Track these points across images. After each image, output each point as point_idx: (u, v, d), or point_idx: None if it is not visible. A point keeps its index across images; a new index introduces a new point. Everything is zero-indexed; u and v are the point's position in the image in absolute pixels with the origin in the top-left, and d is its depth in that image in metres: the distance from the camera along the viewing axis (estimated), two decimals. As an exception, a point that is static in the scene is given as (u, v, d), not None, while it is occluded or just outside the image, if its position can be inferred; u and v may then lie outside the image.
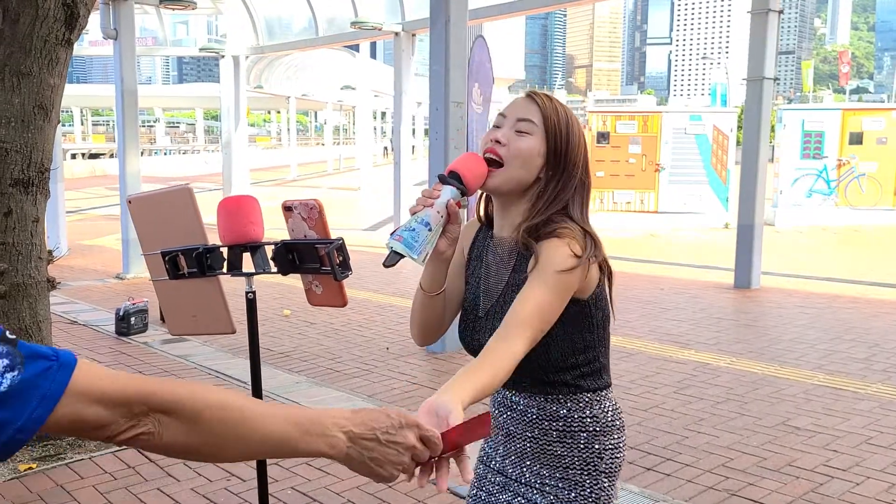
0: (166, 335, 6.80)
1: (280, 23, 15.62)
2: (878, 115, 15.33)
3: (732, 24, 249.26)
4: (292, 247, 2.02)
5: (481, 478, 1.75)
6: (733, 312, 7.76)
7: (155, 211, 2.11)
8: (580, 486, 1.62)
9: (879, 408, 4.81)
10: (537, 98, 1.61)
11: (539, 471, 1.65)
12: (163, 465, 3.98)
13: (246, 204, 2.03)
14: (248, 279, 2.13)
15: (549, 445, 1.63)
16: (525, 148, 1.56)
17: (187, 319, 2.24)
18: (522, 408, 1.66)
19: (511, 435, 1.68)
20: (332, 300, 2.15)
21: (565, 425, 1.62)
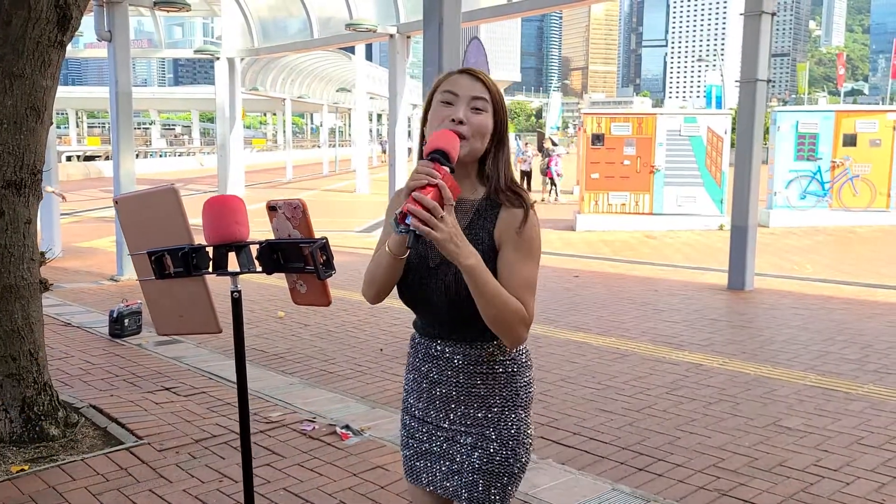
0: (160, 337, 6.80)
1: (275, 25, 15.63)
2: (872, 118, 15.38)
3: (728, 27, 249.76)
4: (276, 246, 2.04)
5: (409, 427, 1.94)
6: (727, 314, 7.78)
7: (141, 211, 2.13)
8: (502, 420, 1.82)
9: (871, 408, 4.83)
10: (483, 77, 1.78)
11: (464, 412, 1.83)
12: (155, 466, 3.98)
13: (231, 203, 2.04)
14: (233, 278, 2.14)
15: (474, 388, 1.82)
16: (484, 124, 1.76)
17: (174, 319, 2.25)
18: (448, 356, 1.84)
19: (435, 382, 1.86)
20: (317, 299, 2.16)
21: (488, 368, 1.82)
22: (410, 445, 1.94)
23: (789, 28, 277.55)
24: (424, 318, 1.87)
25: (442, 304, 1.77)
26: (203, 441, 4.33)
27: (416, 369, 1.91)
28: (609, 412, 4.80)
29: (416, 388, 1.91)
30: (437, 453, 1.88)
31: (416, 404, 1.91)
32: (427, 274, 1.78)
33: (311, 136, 76.75)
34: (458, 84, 1.76)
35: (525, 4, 10.50)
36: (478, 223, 1.77)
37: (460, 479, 1.83)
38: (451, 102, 1.75)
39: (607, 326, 7.05)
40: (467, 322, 1.76)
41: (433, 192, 1.52)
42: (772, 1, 8.81)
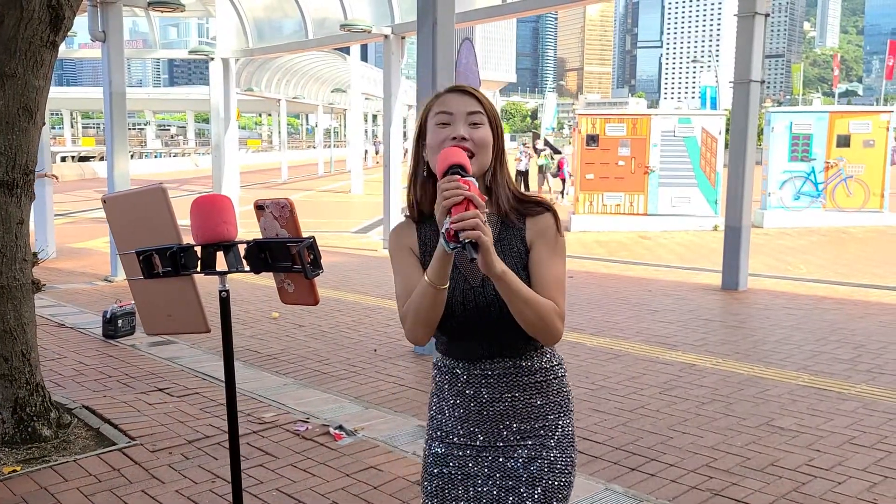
0: (153, 337, 6.78)
1: (270, 25, 15.61)
2: (866, 118, 15.42)
3: (722, 28, 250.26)
4: (264, 245, 2.04)
5: (443, 456, 1.83)
6: (720, 314, 7.80)
7: (129, 210, 2.12)
8: (559, 427, 1.82)
9: (863, 408, 4.85)
10: (474, 92, 1.78)
11: (518, 427, 1.79)
12: (148, 467, 3.97)
13: (219, 203, 2.04)
14: (221, 278, 2.13)
15: (530, 399, 1.80)
16: (486, 137, 1.74)
17: (163, 319, 2.24)
18: (499, 372, 1.79)
19: (486, 402, 1.80)
20: (304, 298, 2.16)
21: (542, 377, 1.81)
22: (443, 474, 1.83)
23: (784, 29, 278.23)
24: (470, 341, 1.78)
25: (493, 319, 1.72)
26: (196, 442, 4.32)
27: (458, 394, 1.82)
28: (602, 412, 4.80)
29: (456, 413, 1.82)
30: (482, 476, 1.80)
31: (455, 430, 1.82)
32: (473, 294, 1.74)
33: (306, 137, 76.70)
34: (450, 103, 1.75)
35: (519, 5, 10.51)
36: (507, 233, 1.77)
37: (516, 496, 1.76)
38: (447, 123, 1.73)
39: (601, 327, 7.06)
40: (517, 333, 1.73)
41: (467, 204, 1.51)
42: (765, 2, 8.83)
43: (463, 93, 1.77)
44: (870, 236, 13.87)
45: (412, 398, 5.14)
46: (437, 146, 1.71)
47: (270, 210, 1.99)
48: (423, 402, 5.04)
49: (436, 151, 1.70)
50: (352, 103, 28.36)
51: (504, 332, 1.75)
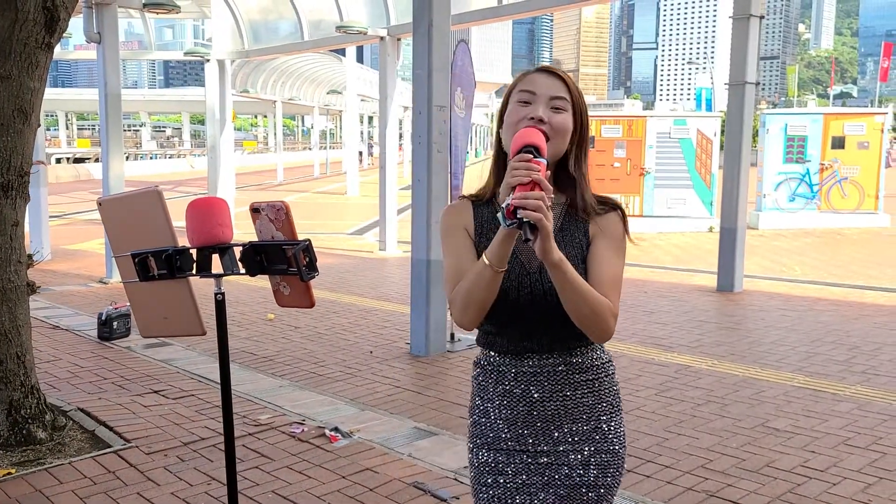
0: (149, 339, 6.77)
1: (266, 27, 15.60)
2: (860, 120, 15.47)
3: (717, 30, 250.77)
4: (260, 248, 2.03)
5: (496, 464, 1.74)
6: (716, 315, 7.81)
7: (125, 213, 2.11)
8: (611, 429, 1.75)
9: (858, 409, 4.86)
10: (563, 76, 1.70)
11: (570, 428, 1.72)
12: (143, 469, 3.96)
13: (215, 206, 2.03)
14: (216, 280, 2.13)
15: (582, 398, 1.73)
16: (565, 123, 1.67)
17: (158, 321, 2.24)
18: (549, 369, 1.72)
19: (536, 402, 1.72)
20: (300, 301, 2.16)
21: (593, 375, 1.75)
22: (499, 483, 1.73)
23: (779, 31, 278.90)
24: (520, 331, 1.72)
25: (547, 309, 1.66)
26: (191, 444, 4.31)
27: (504, 394, 1.74)
28: (598, 414, 4.80)
29: (503, 415, 1.74)
30: (537, 484, 1.72)
31: (504, 434, 1.74)
32: (529, 280, 1.67)
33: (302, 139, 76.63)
34: (536, 83, 1.68)
35: (515, 7, 10.51)
36: (570, 224, 1.73)
37: (574, 501, 1.72)
38: (529, 101, 1.66)
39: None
40: (570, 328, 1.65)
41: (534, 186, 1.45)
42: (760, 4, 8.85)
43: (551, 74, 1.70)
44: (864, 238, 13.91)
45: (408, 400, 5.14)
46: (513, 124, 1.66)
47: (266, 213, 1.98)
48: (418, 404, 5.04)
49: (512, 129, 1.65)
50: (347, 105, 28.34)
51: (557, 325, 1.66)
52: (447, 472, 3.89)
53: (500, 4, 10.37)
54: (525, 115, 1.64)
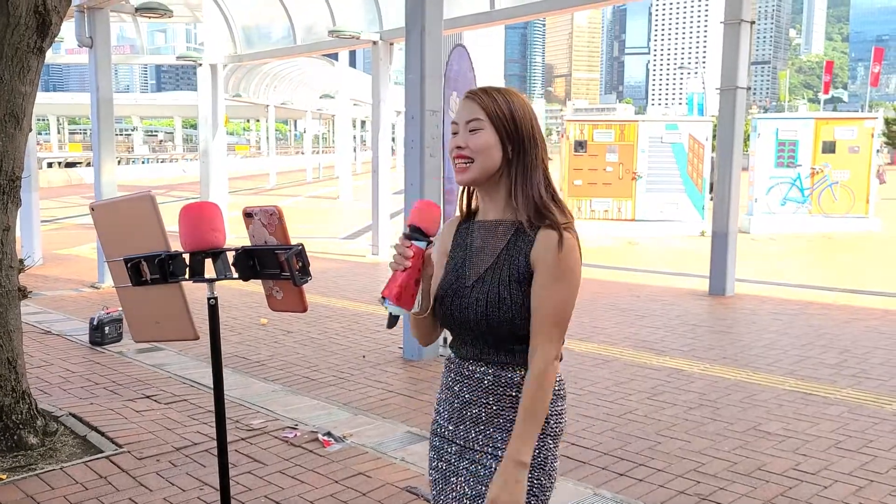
0: (141, 344, 6.76)
1: (258, 31, 15.60)
2: (851, 125, 15.55)
3: (709, 35, 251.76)
4: (253, 253, 2.04)
5: (439, 449, 1.90)
6: (708, 319, 7.83)
7: (117, 218, 2.11)
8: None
9: (848, 412, 4.88)
10: (476, 98, 1.78)
11: (492, 435, 1.79)
12: (135, 475, 3.95)
13: (208, 211, 2.04)
14: (209, 285, 2.13)
15: (503, 410, 1.78)
16: (481, 142, 1.75)
17: (151, 326, 2.24)
18: (479, 376, 1.81)
19: (467, 402, 1.83)
20: (293, 305, 2.16)
21: (518, 392, 1.77)
22: (439, 468, 1.89)
23: (770, 36, 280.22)
24: (459, 337, 1.85)
25: (477, 323, 1.76)
26: (184, 449, 4.30)
27: (448, 388, 1.88)
28: (591, 417, 4.82)
29: (448, 407, 1.88)
30: (464, 476, 1.83)
31: (447, 425, 1.88)
32: (464, 293, 1.79)
33: (294, 143, 76.56)
34: (459, 112, 1.81)
35: (508, 12, 10.55)
36: (515, 245, 1.76)
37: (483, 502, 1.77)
38: (455, 132, 1.80)
39: (589, 332, 7.08)
40: (500, 344, 1.77)
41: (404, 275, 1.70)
42: (751, 9, 8.90)
43: (469, 100, 1.80)
44: (855, 242, 13.97)
45: (401, 404, 5.14)
46: (449, 154, 1.83)
47: (259, 217, 1.99)
48: (411, 409, 5.04)
49: (450, 158, 1.82)
50: (340, 109, 28.33)
51: (486, 339, 1.78)
52: (440, 476, 3.88)
53: (492, 9, 10.40)
54: (452, 146, 1.79)
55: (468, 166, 1.76)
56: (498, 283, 1.74)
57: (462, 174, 1.78)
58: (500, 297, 1.73)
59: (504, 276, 1.74)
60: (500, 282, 1.74)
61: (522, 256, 1.74)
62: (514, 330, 1.74)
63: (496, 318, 1.73)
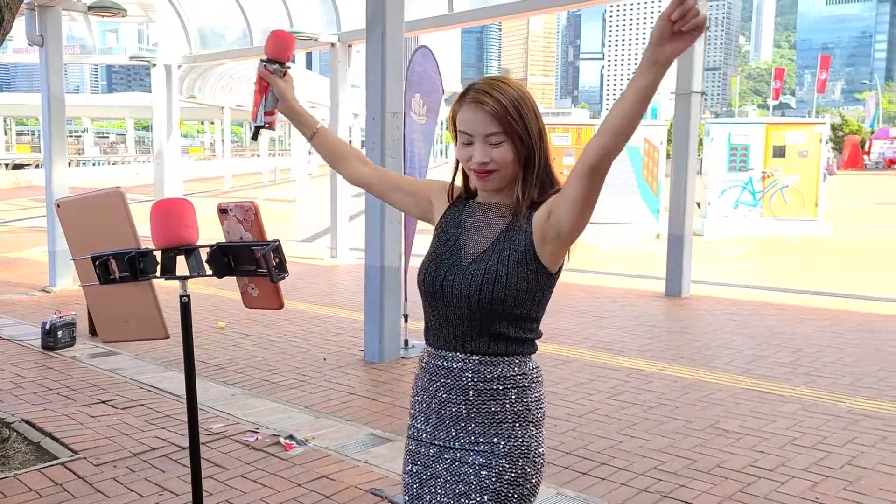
0: (95, 349, 6.62)
1: (214, 32, 15.40)
2: (800, 129, 15.93)
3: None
4: (228, 249, 2.01)
5: (414, 453, 1.88)
6: (665, 320, 7.95)
7: (85, 215, 2.06)
8: (513, 437, 1.78)
9: (803, 410, 4.99)
10: (489, 107, 1.73)
11: (473, 430, 1.78)
12: (92, 481, 3.87)
13: (180, 207, 2.01)
14: (182, 283, 2.10)
15: (484, 404, 1.78)
16: (505, 156, 1.75)
17: (119, 326, 2.19)
18: (457, 373, 1.79)
19: (445, 401, 1.81)
20: (269, 303, 2.13)
21: (498, 384, 1.78)
22: (414, 472, 1.87)
23: (721, 43, 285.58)
24: (441, 321, 1.82)
25: (469, 299, 1.74)
26: (142, 454, 4.22)
27: (424, 390, 1.87)
28: (553, 418, 4.84)
29: (424, 409, 1.86)
30: (443, 478, 1.81)
31: (424, 427, 1.86)
32: (458, 269, 1.78)
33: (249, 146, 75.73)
34: (470, 123, 1.76)
35: (466, 15, 10.58)
36: (515, 225, 1.78)
37: (468, 501, 1.76)
38: (469, 143, 1.78)
39: (549, 333, 7.11)
40: (485, 331, 1.76)
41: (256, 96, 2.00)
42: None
43: (479, 106, 1.75)
44: (805, 244, 14.30)
45: (363, 407, 5.12)
46: (464, 161, 1.80)
47: (234, 213, 1.96)
48: (373, 411, 5.02)
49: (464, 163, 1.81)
50: (297, 111, 28.01)
51: (472, 320, 1.76)
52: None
53: (451, 12, 10.42)
54: (469, 156, 1.77)
55: (491, 176, 1.77)
56: (497, 262, 1.74)
57: (487, 183, 1.79)
58: (498, 275, 1.72)
59: (504, 256, 1.74)
60: (499, 260, 1.74)
61: (522, 234, 1.76)
62: (504, 311, 1.74)
63: (489, 295, 1.72)
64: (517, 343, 1.80)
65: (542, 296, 1.81)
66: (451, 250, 1.82)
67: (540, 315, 1.85)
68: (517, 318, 1.78)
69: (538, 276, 1.76)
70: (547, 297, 1.83)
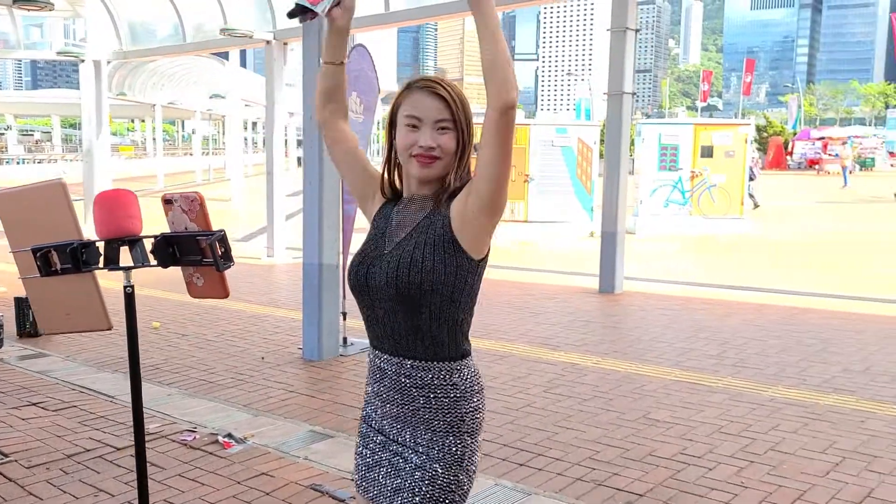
0: (23, 350, 6.45)
1: (144, 27, 15.09)
2: (727, 130, 16.46)
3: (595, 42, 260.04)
4: (173, 239, 2.02)
5: (365, 436, 1.94)
6: (599, 315, 8.14)
7: (24, 207, 2.04)
8: (446, 445, 1.81)
9: (729, 399, 5.19)
10: (442, 95, 1.80)
11: (412, 432, 1.84)
12: (24, 484, 3.79)
13: (123, 197, 2.01)
14: (126, 273, 2.10)
15: (418, 411, 1.82)
16: (451, 144, 1.81)
17: (60, 318, 2.18)
18: (393, 375, 1.84)
19: (385, 400, 1.87)
20: (214, 291, 2.15)
21: (430, 392, 1.81)
22: (364, 455, 1.93)
23: (651, 45, 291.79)
24: (371, 318, 1.86)
25: (386, 286, 1.77)
26: (75, 456, 4.15)
27: (370, 384, 1.92)
28: (491, 412, 4.93)
29: (374, 399, 1.91)
30: (385, 468, 1.87)
31: (373, 415, 1.92)
32: (378, 259, 1.82)
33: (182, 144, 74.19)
34: (420, 107, 1.80)
35: (402, 14, 10.63)
36: (436, 213, 1.82)
37: (401, 497, 1.81)
38: (416, 126, 1.80)
39: (486, 329, 7.22)
40: (410, 326, 1.78)
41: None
42: (635, 19, 9.30)
43: (432, 94, 1.80)
44: (732, 241, 14.77)
45: (302, 404, 5.12)
46: (406, 148, 1.80)
47: (179, 204, 1.97)
48: (313, 408, 5.03)
49: (405, 153, 1.81)
50: (231, 110, 27.69)
51: (396, 317, 1.79)
52: (344, 472, 3.90)
53: (387, 11, 10.45)
54: (414, 141, 1.78)
55: (434, 163, 1.80)
56: (413, 247, 1.77)
57: (427, 169, 1.80)
58: (413, 259, 1.75)
59: (420, 241, 1.78)
60: (415, 245, 1.77)
61: (440, 219, 1.80)
62: (423, 298, 1.75)
63: (405, 281, 1.74)
64: (443, 346, 1.81)
65: (463, 282, 1.79)
66: (377, 244, 1.86)
67: (465, 314, 1.84)
68: (441, 313, 1.78)
69: (457, 260, 1.77)
70: (470, 284, 1.82)
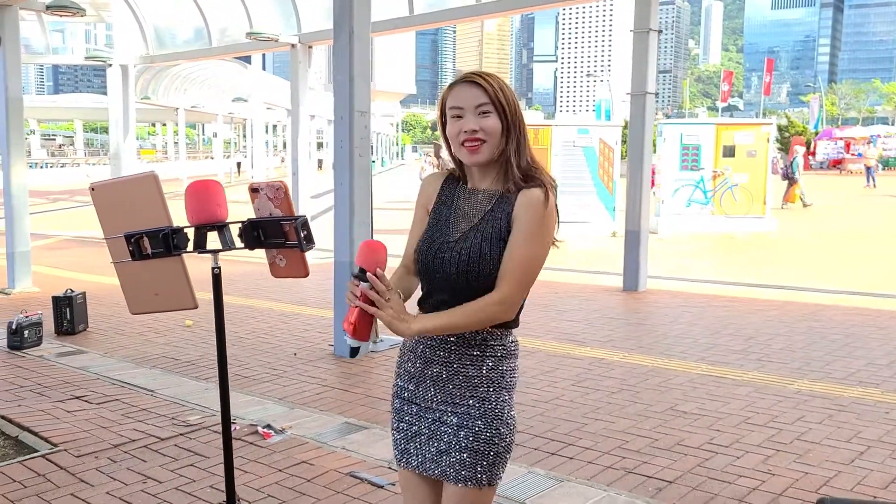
0: (61, 347, 6.65)
1: (170, 32, 15.33)
2: (749, 130, 16.45)
3: (614, 43, 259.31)
4: (258, 224, 2.18)
5: (399, 410, 2.07)
6: (624, 313, 8.22)
7: (118, 197, 2.21)
8: (487, 400, 1.95)
9: (755, 392, 5.27)
10: (478, 83, 1.93)
11: (451, 391, 1.96)
12: (74, 471, 3.95)
13: (212, 187, 2.17)
14: (214, 256, 2.26)
15: (463, 368, 1.95)
16: (493, 126, 1.92)
17: (149, 298, 2.33)
18: (443, 337, 1.96)
19: (428, 361, 1.99)
20: (296, 271, 2.30)
21: (479, 350, 1.95)
22: (401, 429, 2.04)
23: (671, 46, 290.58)
24: (434, 293, 1.97)
25: (457, 276, 1.89)
26: (122, 446, 4.31)
27: (411, 350, 2.03)
28: (521, 404, 5.04)
29: (409, 369, 2.03)
30: (426, 435, 1.99)
31: (407, 386, 2.03)
32: (446, 248, 1.94)
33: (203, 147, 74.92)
34: (460, 97, 1.93)
35: (424, 17, 10.76)
36: (498, 207, 1.93)
37: (448, 458, 1.94)
38: (460, 115, 1.93)
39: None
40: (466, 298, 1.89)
41: (357, 311, 1.83)
42: (657, 20, 9.38)
43: (471, 84, 1.93)
44: (754, 240, 14.78)
45: (336, 398, 5.25)
46: (454, 136, 1.94)
47: (265, 192, 2.13)
48: (346, 401, 5.16)
49: (455, 141, 1.94)
50: (254, 113, 27.98)
51: (463, 293, 1.90)
52: (381, 461, 4.03)
53: (411, 14, 10.59)
54: (460, 129, 1.92)
55: (480, 147, 1.91)
56: (480, 240, 1.90)
57: (476, 155, 1.92)
58: (482, 253, 1.88)
59: (486, 233, 1.91)
60: (482, 238, 1.90)
61: (504, 215, 1.92)
62: (491, 285, 1.89)
63: (475, 273, 1.88)
64: None
65: None
66: (442, 230, 1.98)
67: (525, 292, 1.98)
68: None
69: None
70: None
